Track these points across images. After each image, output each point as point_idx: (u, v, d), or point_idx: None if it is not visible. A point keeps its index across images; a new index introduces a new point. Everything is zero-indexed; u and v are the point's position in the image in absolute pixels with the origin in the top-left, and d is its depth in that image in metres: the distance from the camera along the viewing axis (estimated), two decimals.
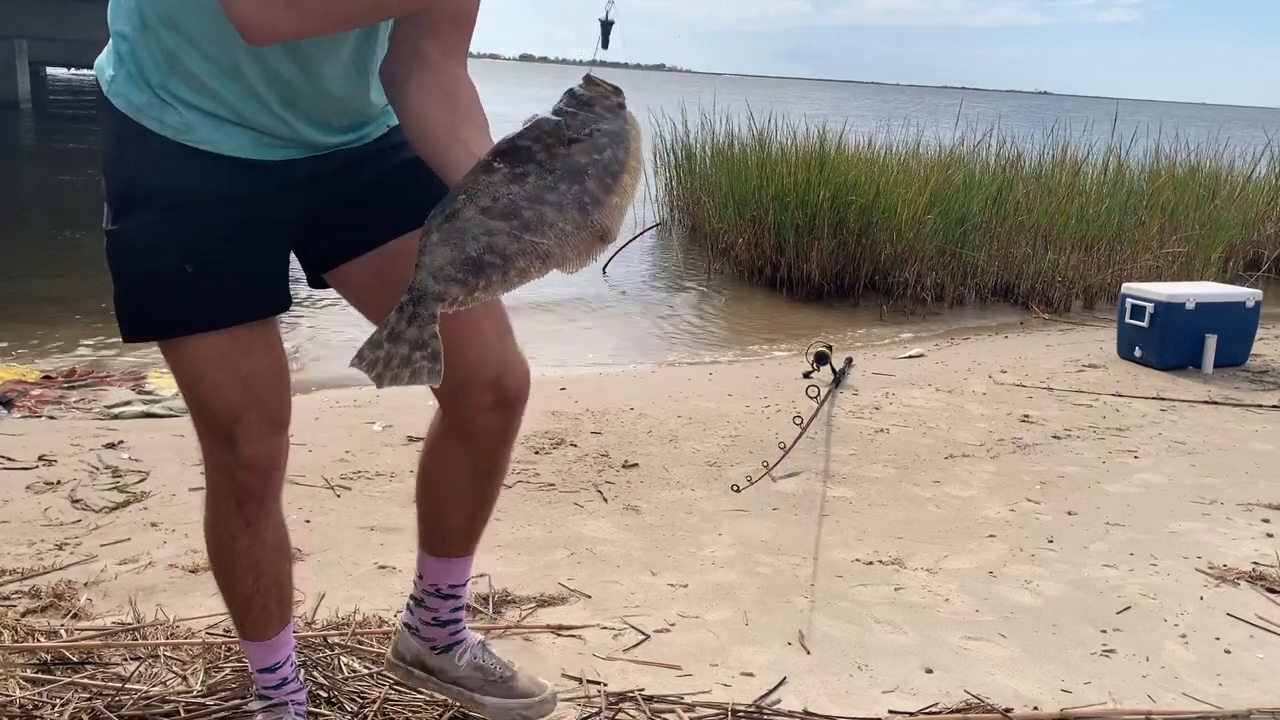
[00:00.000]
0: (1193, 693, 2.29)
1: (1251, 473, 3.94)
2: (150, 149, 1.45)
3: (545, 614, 2.53)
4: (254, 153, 1.48)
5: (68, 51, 36.61)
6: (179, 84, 1.43)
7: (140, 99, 1.45)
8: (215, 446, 1.57)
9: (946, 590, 2.79)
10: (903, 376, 5.38)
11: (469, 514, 1.72)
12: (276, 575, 1.69)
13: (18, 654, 2.10)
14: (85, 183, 13.57)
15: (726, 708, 2.11)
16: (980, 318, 7.81)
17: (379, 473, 3.56)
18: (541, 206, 1.23)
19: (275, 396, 1.57)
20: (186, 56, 1.41)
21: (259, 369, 1.54)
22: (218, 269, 1.48)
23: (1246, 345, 5.83)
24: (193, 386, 1.53)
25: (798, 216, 7.98)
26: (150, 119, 1.45)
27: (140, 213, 1.47)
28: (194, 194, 1.46)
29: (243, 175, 1.47)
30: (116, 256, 1.50)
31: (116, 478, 3.42)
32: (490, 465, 1.69)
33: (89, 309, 6.52)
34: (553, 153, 1.25)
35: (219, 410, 1.53)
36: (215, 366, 1.51)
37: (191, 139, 1.45)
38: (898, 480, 3.73)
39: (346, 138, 1.56)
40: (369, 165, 1.59)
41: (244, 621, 1.72)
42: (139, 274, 1.49)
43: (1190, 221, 8.86)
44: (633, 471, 3.70)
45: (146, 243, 1.47)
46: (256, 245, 1.52)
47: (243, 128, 1.46)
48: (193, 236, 1.46)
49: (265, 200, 1.50)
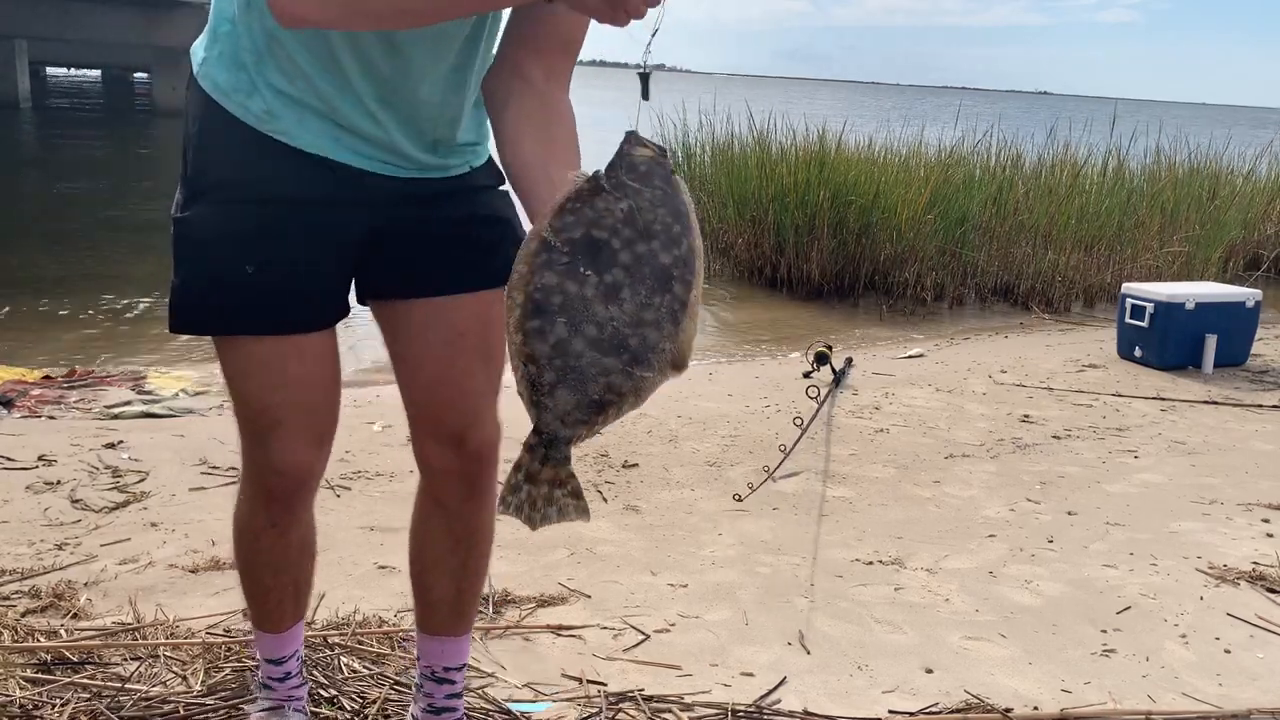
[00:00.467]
0: (1193, 693, 2.29)
1: (1251, 473, 3.94)
2: (229, 136, 1.43)
3: (545, 614, 2.53)
4: (334, 153, 1.44)
5: (68, 51, 36.68)
6: (273, 70, 1.41)
7: (228, 82, 1.42)
8: (251, 445, 1.56)
9: (946, 590, 2.79)
10: (903, 376, 5.38)
11: (452, 586, 1.71)
12: (297, 574, 1.70)
13: (18, 654, 2.10)
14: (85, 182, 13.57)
15: (726, 708, 2.10)
16: (980, 318, 7.81)
17: (379, 473, 3.56)
18: (644, 330, 1.18)
19: (321, 407, 1.55)
20: (286, 40, 1.38)
21: (308, 376, 1.51)
22: (279, 272, 1.44)
23: (1246, 345, 5.83)
24: (236, 382, 1.52)
25: (798, 216, 7.98)
26: (235, 104, 1.42)
27: (208, 203, 1.44)
28: (266, 190, 1.43)
29: (318, 176, 1.44)
30: (180, 244, 1.46)
31: (116, 478, 3.41)
32: (465, 532, 1.68)
33: (89, 309, 6.53)
34: (635, 252, 1.18)
35: (259, 411, 1.51)
36: (262, 369, 1.48)
37: (273, 129, 1.42)
38: (898, 480, 3.73)
39: (431, 159, 1.52)
40: (445, 204, 1.55)
41: (258, 611, 1.72)
42: (199, 267, 1.45)
43: (1191, 222, 8.86)
44: (633, 471, 3.70)
45: (210, 235, 1.44)
46: (320, 252, 1.49)
47: (329, 122, 1.43)
48: (258, 236, 1.43)
49: (336, 208, 1.47)
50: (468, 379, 1.60)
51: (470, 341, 1.59)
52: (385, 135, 1.45)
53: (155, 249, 9.04)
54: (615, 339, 1.18)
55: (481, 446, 1.62)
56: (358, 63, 1.40)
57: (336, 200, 1.46)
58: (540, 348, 1.17)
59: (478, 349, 1.60)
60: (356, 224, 1.50)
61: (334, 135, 1.44)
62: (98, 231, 9.79)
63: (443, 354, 1.59)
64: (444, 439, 1.61)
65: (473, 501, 1.66)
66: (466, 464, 1.62)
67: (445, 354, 1.59)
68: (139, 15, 26.66)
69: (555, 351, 1.17)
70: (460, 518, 1.66)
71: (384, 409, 4.32)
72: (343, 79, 1.41)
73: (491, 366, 1.61)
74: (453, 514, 1.66)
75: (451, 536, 1.68)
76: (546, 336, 1.17)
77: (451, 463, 1.62)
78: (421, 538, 1.71)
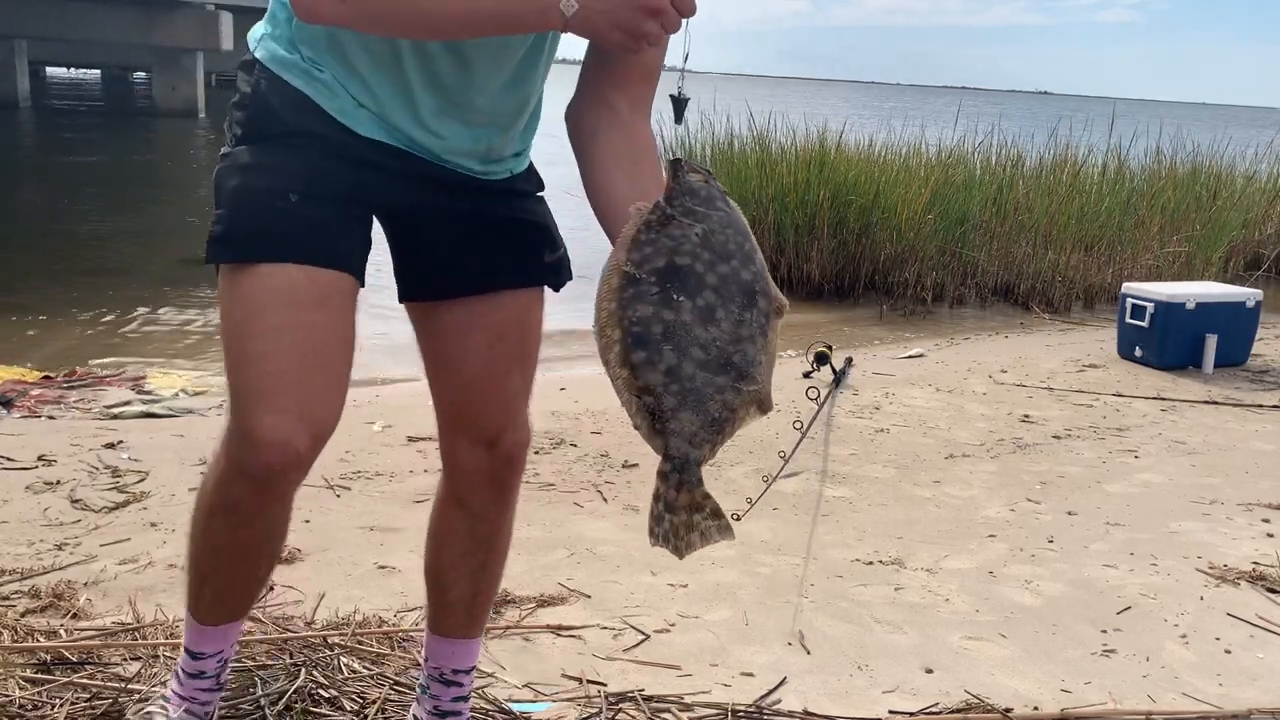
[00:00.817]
0: (1193, 693, 2.29)
1: (1251, 473, 3.94)
2: (288, 96, 1.44)
3: (545, 614, 2.53)
4: (381, 135, 1.46)
5: (68, 51, 36.65)
6: (333, 64, 1.42)
7: (289, 56, 1.44)
8: (239, 409, 1.42)
9: (946, 590, 2.79)
10: (903, 376, 5.38)
11: (470, 588, 1.71)
12: (245, 575, 1.58)
13: (17, 654, 2.10)
14: (84, 182, 13.58)
15: (726, 708, 2.10)
16: (980, 318, 7.81)
17: (379, 473, 3.56)
18: (743, 345, 1.23)
19: (324, 374, 1.43)
20: (347, 41, 1.40)
21: (326, 326, 1.42)
22: (320, 207, 1.43)
23: (1246, 345, 5.83)
24: (244, 322, 1.40)
25: (798, 216, 7.98)
26: (294, 74, 1.44)
27: (264, 142, 1.44)
28: (320, 142, 1.43)
29: (364, 145, 1.45)
30: (228, 176, 1.44)
31: (116, 478, 3.41)
32: (488, 533, 1.68)
33: (89, 309, 6.52)
34: (719, 273, 1.23)
35: (262, 357, 1.39)
36: (282, 304, 1.39)
37: (330, 106, 1.43)
38: (898, 480, 3.73)
39: (476, 166, 1.52)
40: (485, 201, 1.55)
41: (192, 592, 1.60)
42: (246, 193, 1.42)
43: (1191, 222, 8.86)
44: (633, 471, 3.70)
45: (257, 161, 1.43)
46: (355, 210, 1.48)
47: (380, 120, 1.44)
48: (304, 171, 1.43)
49: (381, 171, 1.47)
50: (506, 380, 1.61)
51: (509, 344, 1.60)
52: (437, 142, 1.47)
53: (156, 248, 9.06)
54: (721, 358, 1.23)
55: (513, 448, 1.62)
56: (422, 72, 1.41)
57: (381, 167, 1.47)
58: (653, 377, 1.21)
59: (515, 351, 1.61)
60: (394, 194, 1.50)
61: (387, 124, 1.45)
62: (98, 231, 9.79)
63: (483, 355, 1.59)
64: (477, 440, 1.61)
65: (499, 503, 1.66)
66: (497, 466, 1.63)
67: (485, 355, 1.59)
68: (139, 15, 26.66)
69: (669, 378, 1.21)
70: (485, 519, 1.66)
71: (384, 409, 4.32)
72: (404, 86, 1.42)
73: (527, 368, 1.63)
74: (477, 515, 1.66)
75: (474, 538, 1.68)
76: (657, 365, 1.21)
77: (483, 463, 1.62)
78: (441, 538, 1.70)
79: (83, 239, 8.96)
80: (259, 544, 1.55)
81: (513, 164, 1.58)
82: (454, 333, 1.60)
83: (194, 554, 1.57)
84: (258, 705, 1.94)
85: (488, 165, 1.54)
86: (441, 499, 1.70)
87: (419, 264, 1.59)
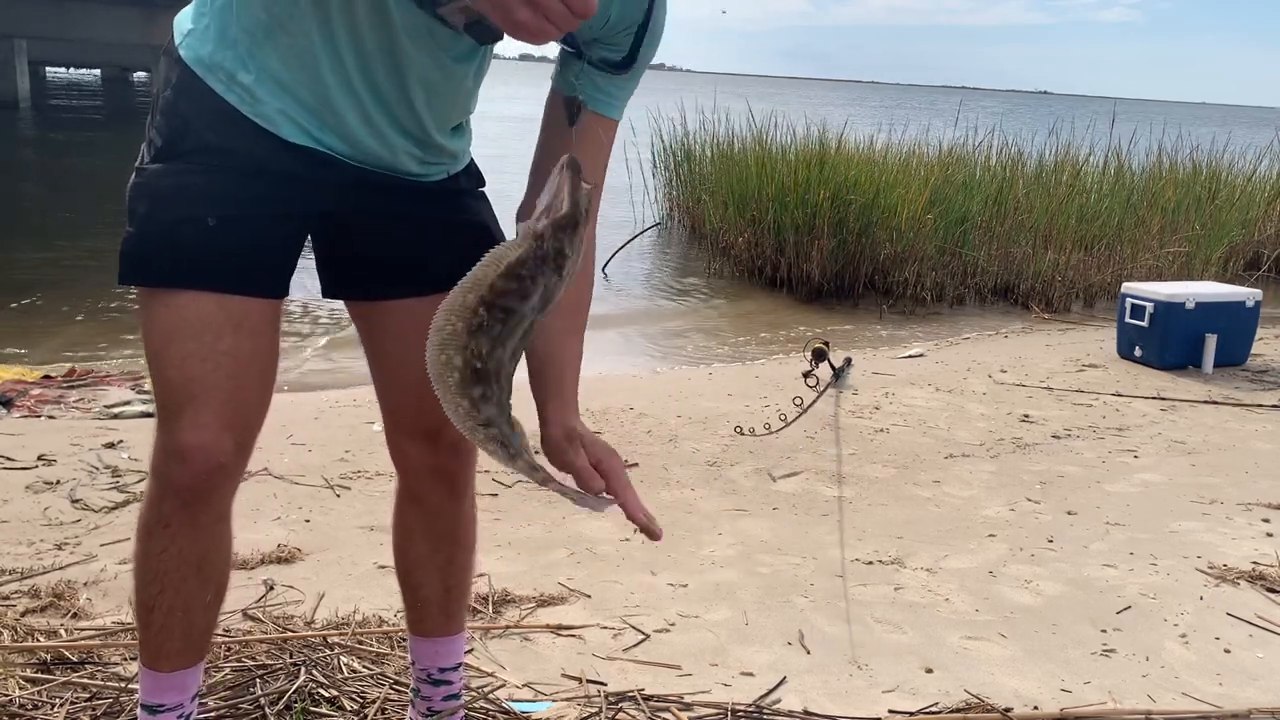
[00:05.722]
0: (1193, 692, 2.29)
1: (1251, 472, 3.94)
2: (206, 105, 1.39)
3: (545, 614, 2.53)
4: (313, 143, 1.42)
5: (68, 51, 36.63)
6: (271, 54, 1.37)
7: (212, 57, 1.39)
8: (162, 426, 1.42)
9: (946, 590, 2.79)
10: (903, 376, 5.38)
11: (440, 584, 1.69)
12: (187, 600, 1.48)
13: (17, 654, 2.10)
14: (84, 182, 13.58)
15: (726, 708, 2.10)
16: (980, 318, 7.81)
17: (379, 472, 3.56)
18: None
19: (246, 392, 1.44)
20: (296, 31, 1.36)
21: (240, 351, 1.41)
22: (239, 231, 1.40)
23: (1246, 345, 5.83)
24: (165, 349, 1.40)
25: (797, 216, 7.98)
26: (216, 80, 1.39)
27: (182, 161, 1.41)
28: (241, 159, 1.40)
29: (289, 154, 1.41)
30: (139, 191, 1.41)
31: (116, 478, 3.41)
32: (447, 528, 1.66)
33: (89, 308, 6.52)
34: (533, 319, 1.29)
35: (180, 383, 1.40)
36: (196, 333, 1.39)
37: (253, 112, 1.39)
38: (898, 480, 3.73)
39: (413, 166, 1.50)
40: (422, 203, 1.53)
41: (141, 636, 1.52)
42: (159, 214, 1.39)
43: (1191, 222, 8.87)
44: (632, 471, 3.70)
45: (174, 184, 1.40)
46: (283, 223, 1.46)
47: (315, 114, 1.41)
48: (223, 192, 1.39)
49: (307, 182, 1.44)
50: None
51: None
52: (371, 144, 1.44)
53: None
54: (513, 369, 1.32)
55: (458, 440, 1.58)
56: (358, 72, 1.38)
57: (309, 176, 1.44)
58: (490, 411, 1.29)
59: None
60: (325, 201, 1.47)
61: (318, 126, 1.42)
62: (98, 231, 9.79)
63: (424, 355, 1.58)
64: (419, 435, 1.60)
65: (452, 496, 1.65)
66: (443, 458, 1.61)
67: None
68: (138, 15, 26.66)
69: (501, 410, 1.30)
70: (441, 514, 1.65)
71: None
72: (339, 88, 1.39)
73: None
74: (432, 511, 1.65)
75: (434, 534, 1.67)
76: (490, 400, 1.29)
77: (428, 458, 1.61)
78: (403, 538, 1.70)
79: (83, 238, 8.95)
80: (197, 564, 1.48)
81: (450, 164, 1.56)
82: (394, 334, 1.58)
83: (138, 586, 1.50)
84: (257, 705, 1.94)
85: (425, 166, 1.52)
86: (398, 500, 1.69)
87: (350, 265, 1.56)
